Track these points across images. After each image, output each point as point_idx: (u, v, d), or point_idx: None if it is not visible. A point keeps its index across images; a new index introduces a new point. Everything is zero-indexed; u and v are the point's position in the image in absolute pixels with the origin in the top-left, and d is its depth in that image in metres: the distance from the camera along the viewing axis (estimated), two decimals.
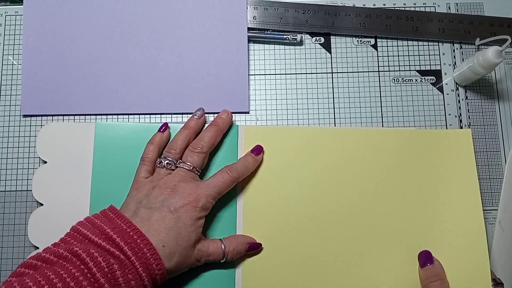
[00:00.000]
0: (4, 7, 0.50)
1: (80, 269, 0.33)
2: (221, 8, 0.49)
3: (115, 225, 0.37)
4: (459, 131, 0.46)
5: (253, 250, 0.43)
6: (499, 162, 0.47)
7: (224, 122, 0.45)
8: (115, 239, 0.36)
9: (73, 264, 0.33)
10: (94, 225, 0.37)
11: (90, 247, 0.35)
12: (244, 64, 0.48)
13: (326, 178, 0.44)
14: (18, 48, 0.49)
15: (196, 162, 0.42)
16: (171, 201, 0.39)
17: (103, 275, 0.33)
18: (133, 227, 0.37)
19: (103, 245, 0.35)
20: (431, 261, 0.41)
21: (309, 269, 0.43)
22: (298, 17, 0.49)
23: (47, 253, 0.35)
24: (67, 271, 0.33)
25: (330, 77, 0.49)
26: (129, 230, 0.37)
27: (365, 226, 0.43)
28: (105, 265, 0.34)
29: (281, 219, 0.44)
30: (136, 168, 0.42)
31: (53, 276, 0.32)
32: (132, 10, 0.49)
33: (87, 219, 0.39)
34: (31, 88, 0.47)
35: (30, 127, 0.47)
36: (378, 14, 0.49)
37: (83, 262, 0.34)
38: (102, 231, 0.37)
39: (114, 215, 0.39)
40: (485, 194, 0.46)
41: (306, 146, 0.45)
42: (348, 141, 0.45)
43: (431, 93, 0.48)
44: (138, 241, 0.36)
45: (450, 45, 0.50)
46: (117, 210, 0.39)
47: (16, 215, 0.46)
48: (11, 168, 0.47)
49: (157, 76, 0.48)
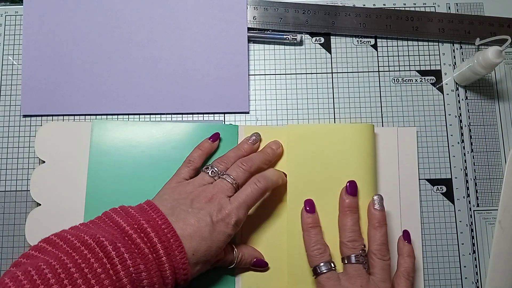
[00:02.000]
0: (4, 7, 0.50)
1: (102, 263, 0.31)
2: (221, 8, 0.49)
3: (150, 218, 0.35)
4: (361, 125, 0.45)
5: (258, 266, 0.42)
6: (499, 162, 0.47)
7: (274, 154, 0.44)
8: (149, 233, 0.34)
9: (96, 256, 0.31)
10: (128, 214, 0.36)
11: (118, 238, 0.32)
12: (244, 64, 0.48)
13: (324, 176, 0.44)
14: (18, 48, 0.49)
15: (239, 178, 0.40)
16: (210, 211, 0.37)
17: (127, 274, 0.31)
18: (168, 224, 0.35)
19: (134, 237, 0.33)
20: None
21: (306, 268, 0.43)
22: (298, 17, 0.49)
23: (69, 236, 0.32)
24: (88, 264, 0.30)
25: (330, 77, 0.49)
26: (164, 227, 0.35)
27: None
28: (131, 263, 0.32)
29: (280, 219, 0.44)
30: (133, 168, 0.42)
31: (70, 265, 0.30)
32: (132, 10, 0.49)
33: (122, 207, 0.37)
34: (31, 88, 0.47)
35: (30, 127, 0.47)
36: (378, 14, 0.49)
37: (107, 255, 0.31)
38: (136, 222, 0.34)
39: (149, 208, 0.37)
40: (485, 194, 0.46)
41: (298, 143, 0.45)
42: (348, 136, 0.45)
43: (431, 93, 0.48)
44: (171, 241, 0.34)
45: (450, 45, 0.50)
46: (155, 204, 0.37)
47: (16, 215, 0.46)
48: (11, 168, 0.47)
49: (157, 76, 0.48)
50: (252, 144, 0.44)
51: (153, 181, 0.43)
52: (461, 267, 0.45)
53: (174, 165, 0.43)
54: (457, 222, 0.46)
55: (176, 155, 0.44)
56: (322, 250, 0.40)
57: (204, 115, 0.48)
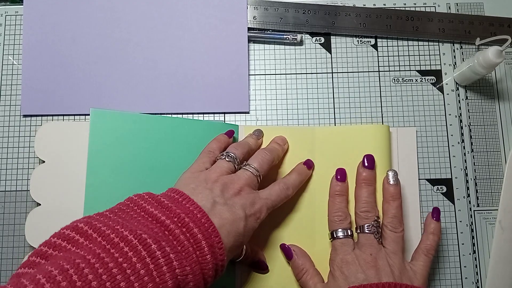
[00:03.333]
0: (4, 7, 0.50)
1: (145, 263, 0.28)
2: (221, 8, 0.49)
3: (187, 211, 0.32)
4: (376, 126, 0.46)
5: (259, 268, 0.42)
6: (499, 162, 0.47)
7: (282, 150, 0.44)
8: (192, 228, 0.30)
9: (138, 255, 0.28)
10: (160, 204, 0.32)
11: (159, 235, 0.29)
12: (244, 64, 0.48)
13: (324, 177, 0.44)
14: (18, 48, 0.49)
15: (262, 169, 0.39)
16: (243, 205, 0.35)
17: (173, 277, 0.28)
18: (208, 219, 0.32)
19: (176, 233, 0.30)
20: None
21: None
22: (298, 17, 0.49)
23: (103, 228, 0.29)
24: (130, 264, 0.27)
25: (330, 77, 0.49)
26: (204, 220, 0.31)
27: None
28: (177, 265, 0.29)
29: (280, 220, 0.44)
30: (132, 162, 0.42)
31: (111, 265, 0.27)
32: (132, 10, 0.49)
33: (149, 194, 0.33)
34: (31, 88, 0.47)
35: (30, 127, 0.47)
36: (378, 14, 0.49)
37: (150, 255, 0.28)
38: (175, 214, 0.31)
39: (181, 198, 0.33)
40: (485, 194, 0.46)
41: (303, 145, 0.45)
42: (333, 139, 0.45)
43: (431, 93, 0.48)
44: (213, 237, 0.31)
45: (450, 45, 0.50)
46: (186, 194, 0.33)
47: (16, 215, 0.46)
48: (11, 168, 0.47)
49: (157, 76, 0.48)
50: (256, 138, 0.44)
51: (153, 179, 0.43)
52: (461, 267, 0.45)
53: (172, 162, 0.43)
54: (457, 222, 0.46)
55: (175, 152, 0.44)
56: (342, 217, 0.41)
57: (204, 115, 0.48)
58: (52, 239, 0.29)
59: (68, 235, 0.29)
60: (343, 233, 0.40)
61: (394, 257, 0.38)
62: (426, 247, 0.40)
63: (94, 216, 0.31)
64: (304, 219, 0.44)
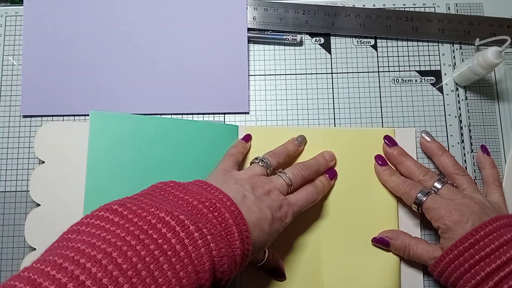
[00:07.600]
0: (4, 8, 0.50)
1: (183, 245, 0.27)
2: (221, 9, 0.49)
3: (216, 197, 0.31)
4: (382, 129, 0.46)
5: (277, 275, 0.42)
6: (499, 162, 0.47)
7: (326, 166, 0.43)
8: (224, 213, 0.29)
9: (177, 236, 0.27)
10: (188, 190, 0.31)
11: (195, 216, 0.28)
12: (244, 64, 0.48)
13: None
14: (18, 48, 0.49)
15: (296, 182, 0.39)
16: (270, 205, 0.35)
17: (209, 258, 0.28)
18: (236, 207, 0.31)
19: (209, 217, 0.29)
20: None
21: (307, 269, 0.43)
22: (298, 18, 0.49)
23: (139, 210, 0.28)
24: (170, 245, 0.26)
25: (330, 78, 0.49)
26: (233, 208, 0.31)
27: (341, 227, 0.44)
28: (213, 246, 0.28)
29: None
30: (132, 163, 0.42)
31: (152, 247, 0.26)
32: (132, 10, 0.49)
33: (173, 182, 0.33)
34: (31, 88, 0.47)
35: (30, 127, 0.47)
36: (378, 14, 0.49)
37: (189, 237, 0.27)
38: (205, 198, 0.30)
39: (208, 187, 0.32)
40: None
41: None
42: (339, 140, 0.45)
43: (431, 94, 0.48)
44: (241, 225, 0.31)
45: (449, 45, 0.50)
46: (213, 185, 0.33)
47: (16, 215, 0.46)
48: (11, 169, 0.47)
49: (157, 76, 0.48)
50: (298, 145, 0.44)
51: (152, 180, 0.43)
52: None
53: (172, 163, 0.43)
54: None
55: (175, 153, 0.44)
56: (411, 184, 0.41)
57: (204, 115, 0.48)
58: (89, 220, 0.28)
59: (103, 216, 0.28)
60: (424, 193, 0.39)
61: (478, 196, 0.40)
62: (494, 178, 0.43)
63: (125, 199, 0.30)
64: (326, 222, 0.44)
